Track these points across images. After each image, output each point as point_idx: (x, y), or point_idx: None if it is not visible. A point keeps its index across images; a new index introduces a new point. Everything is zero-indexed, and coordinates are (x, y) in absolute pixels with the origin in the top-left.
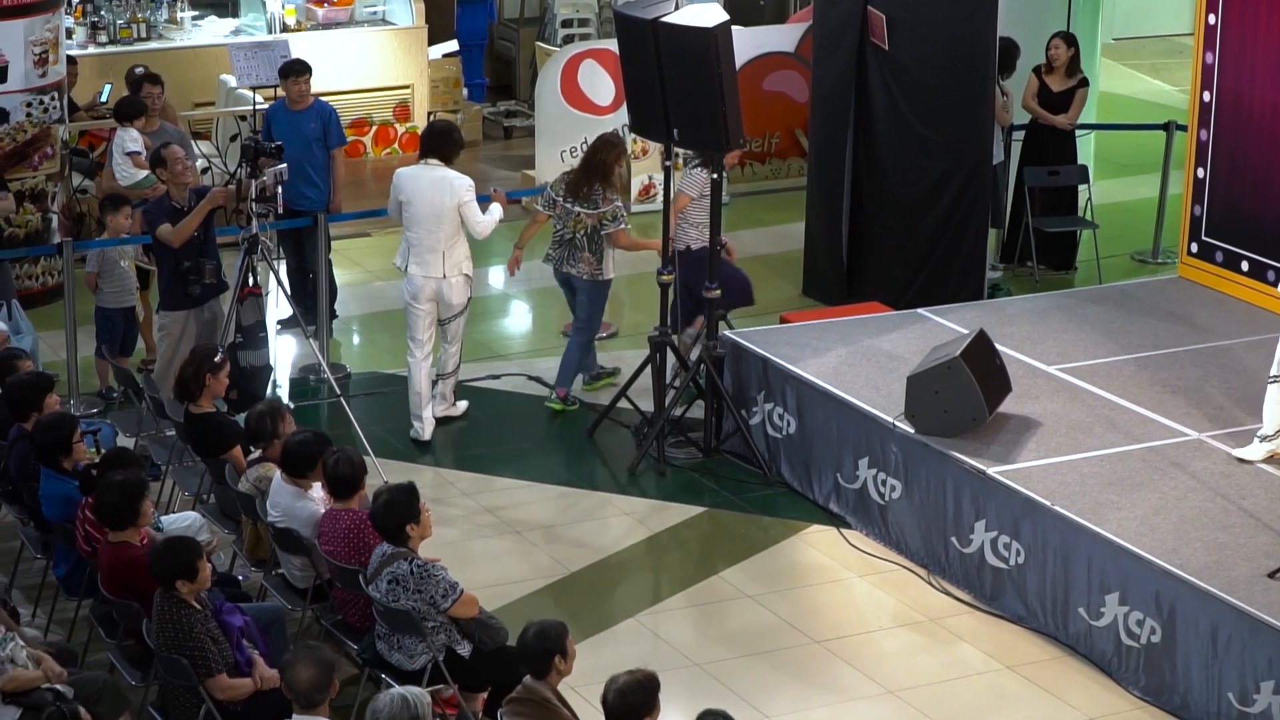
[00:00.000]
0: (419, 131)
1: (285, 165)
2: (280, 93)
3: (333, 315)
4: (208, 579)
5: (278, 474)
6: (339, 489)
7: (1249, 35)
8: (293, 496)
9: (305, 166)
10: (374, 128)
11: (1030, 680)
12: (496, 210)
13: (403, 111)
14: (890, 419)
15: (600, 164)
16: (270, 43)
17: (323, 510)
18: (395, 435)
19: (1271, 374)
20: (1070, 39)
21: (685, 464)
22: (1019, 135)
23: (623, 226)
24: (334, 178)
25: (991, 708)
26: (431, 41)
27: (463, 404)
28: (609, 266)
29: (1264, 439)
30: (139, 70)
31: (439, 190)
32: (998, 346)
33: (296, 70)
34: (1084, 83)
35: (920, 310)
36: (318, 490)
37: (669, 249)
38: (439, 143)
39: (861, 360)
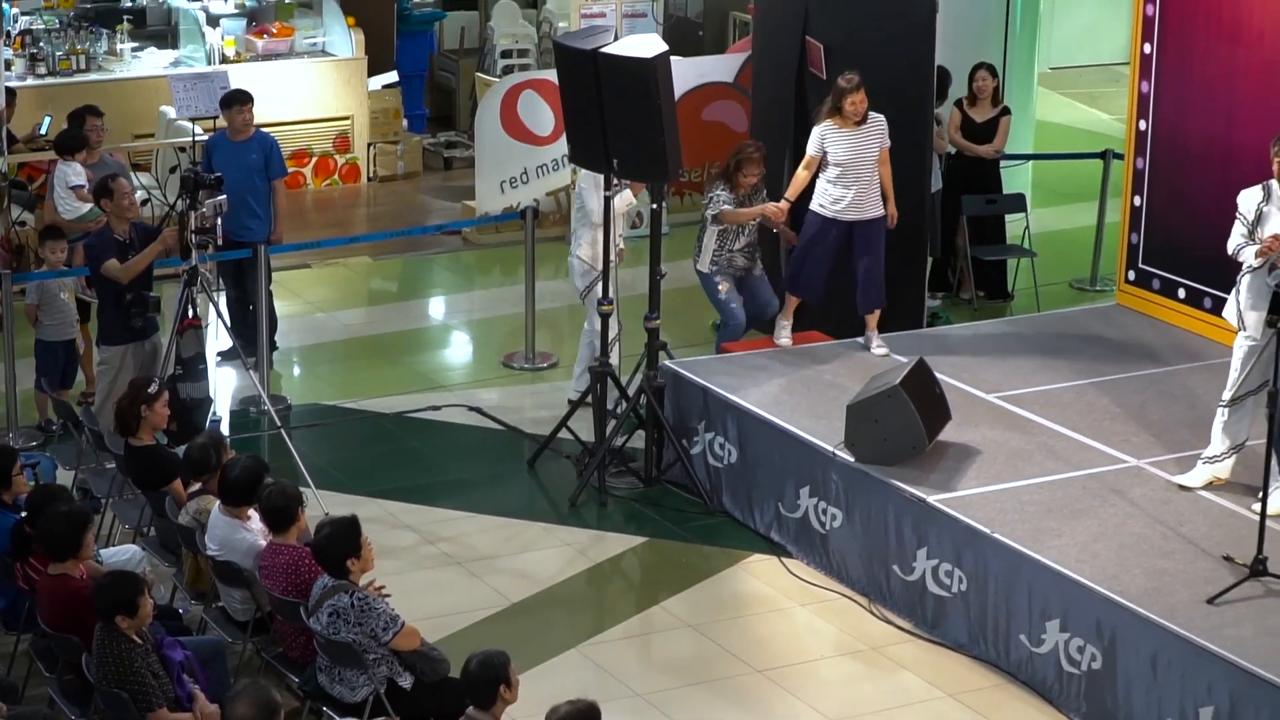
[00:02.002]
0: (358, 163)
1: (225, 197)
2: (220, 123)
3: (273, 347)
4: (149, 615)
5: (216, 506)
6: (274, 520)
7: (1184, 64)
8: (230, 528)
9: (247, 197)
10: (314, 159)
11: (972, 708)
12: (619, 200)
13: (343, 143)
14: (830, 448)
15: (731, 164)
16: (210, 74)
17: (262, 541)
18: (337, 467)
19: (1223, 398)
20: (994, 69)
21: (626, 494)
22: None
23: (724, 207)
24: (276, 209)
25: None
26: (371, 72)
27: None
28: (703, 258)
29: (1207, 460)
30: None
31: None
32: (937, 375)
33: (240, 100)
34: (1006, 111)
35: (860, 339)
36: (256, 521)
37: (609, 275)
38: None
39: (802, 389)
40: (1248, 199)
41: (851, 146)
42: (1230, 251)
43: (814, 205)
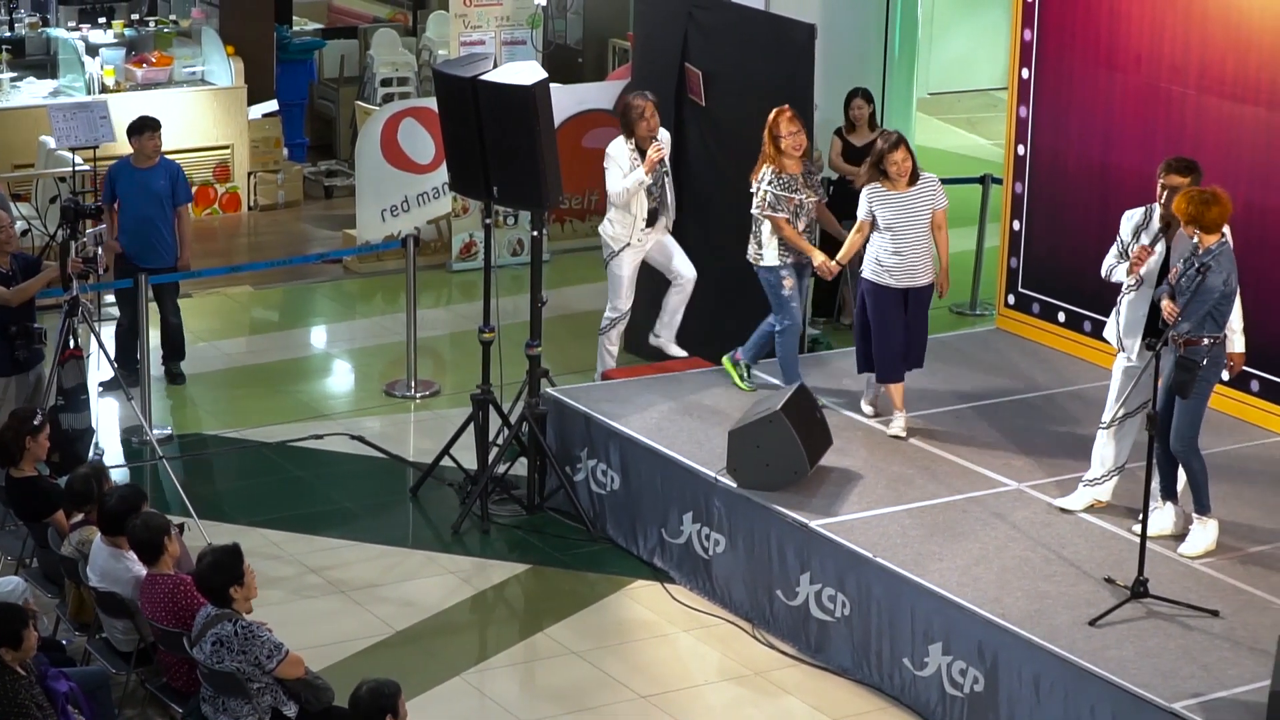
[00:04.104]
0: (239, 192)
1: (105, 226)
2: (100, 151)
3: (180, 356)
4: (33, 647)
5: (98, 536)
6: (142, 553)
7: (1062, 89)
8: (111, 557)
9: (157, 223)
10: (194, 188)
11: None
12: (635, 174)
13: (223, 172)
14: (713, 473)
15: (766, 137)
16: (89, 104)
17: (144, 571)
18: (219, 497)
19: (1103, 420)
20: (869, 96)
21: (509, 521)
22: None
23: (779, 214)
24: (181, 234)
25: None
26: (251, 101)
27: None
28: (768, 251)
29: (1089, 483)
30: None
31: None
32: (818, 400)
33: (150, 126)
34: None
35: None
36: None
37: (490, 304)
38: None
39: (683, 415)
40: (1128, 221)
41: (900, 209)
42: (1103, 274)
43: (866, 272)
